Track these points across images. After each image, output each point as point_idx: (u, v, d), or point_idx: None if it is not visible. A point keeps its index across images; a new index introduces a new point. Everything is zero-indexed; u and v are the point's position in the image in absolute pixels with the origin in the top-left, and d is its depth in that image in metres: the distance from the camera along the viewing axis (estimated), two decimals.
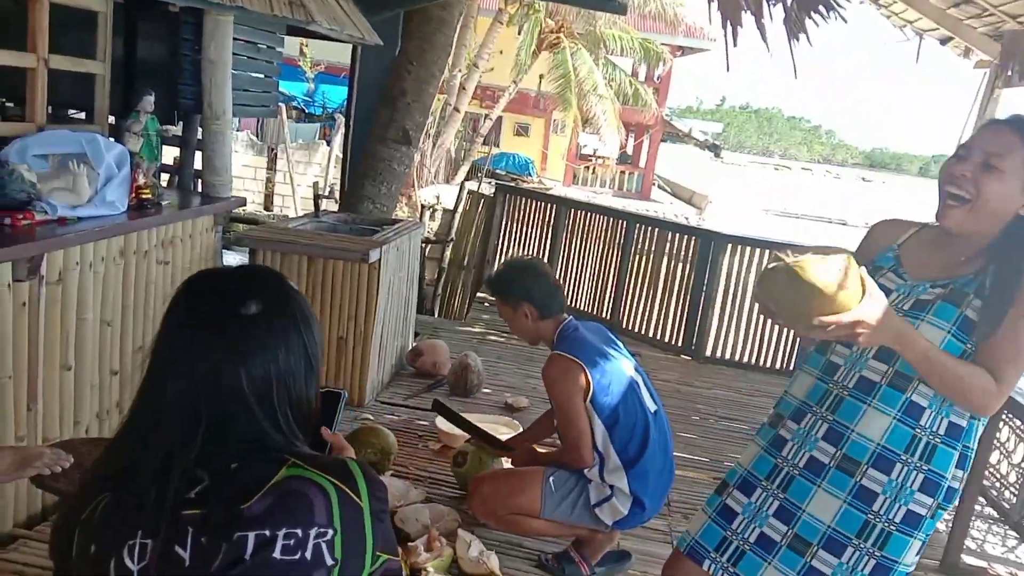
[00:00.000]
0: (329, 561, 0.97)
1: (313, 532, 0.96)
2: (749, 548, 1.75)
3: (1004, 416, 4.02)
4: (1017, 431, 4.19)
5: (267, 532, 0.94)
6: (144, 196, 3.12)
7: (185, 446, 0.97)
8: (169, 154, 5.85)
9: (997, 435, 4.21)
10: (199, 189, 4.04)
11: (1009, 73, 4.92)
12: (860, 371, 1.67)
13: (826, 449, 1.69)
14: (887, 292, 1.65)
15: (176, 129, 4.29)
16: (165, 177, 4.58)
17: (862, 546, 1.64)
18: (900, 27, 5.65)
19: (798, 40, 4.92)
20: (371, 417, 3.87)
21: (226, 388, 0.99)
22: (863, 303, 1.45)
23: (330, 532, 0.97)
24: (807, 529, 1.69)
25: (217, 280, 1.07)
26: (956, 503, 1.69)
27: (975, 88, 5.29)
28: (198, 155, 4.05)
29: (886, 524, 1.63)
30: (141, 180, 3.12)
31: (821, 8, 4.96)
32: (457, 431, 3.38)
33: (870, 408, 1.65)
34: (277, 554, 0.94)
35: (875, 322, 1.46)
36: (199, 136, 4.02)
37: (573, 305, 6.47)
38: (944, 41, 5.48)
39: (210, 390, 0.98)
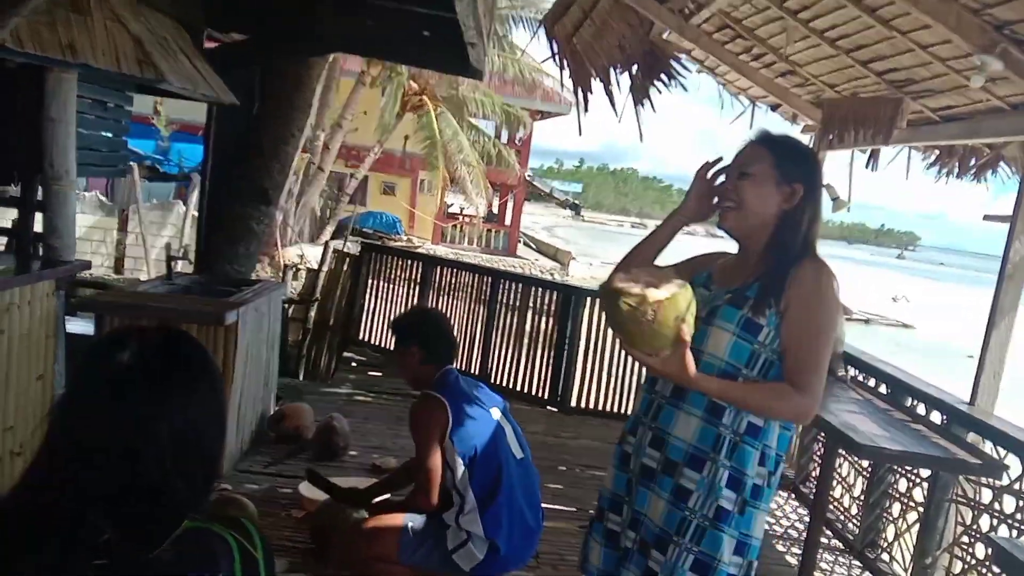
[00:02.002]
0: None
1: None
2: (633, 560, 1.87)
3: (840, 452, 4.33)
4: (856, 466, 4.51)
5: None
6: None
7: (88, 498, 0.96)
8: (6, 216, 5.50)
9: (838, 470, 4.53)
10: (39, 253, 3.82)
11: (830, 137, 5.41)
12: None
13: (653, 455, 1.84)
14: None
15: (14, 190, 4.05)
16: (2, 241, 4.30)
17: (681, 542, 1.76)
18: (735, 95, 6.12)
19: (643, 106, 5.25)
20: (229, 487, 3.70)
21: (133, 445, 0.97)
22: (665, 357, 1.67)
23: None
24: (648, 533, 1.82)
25: (125, 342, 1.05)
26: (767, 504, 1.81)
27: None
28: (39, 217, 3.84)
29: (701, 520, 1.76)
30: None
31: (663, 77, 5.33)
32: (321, 496, 3.30)
33: (681, 412, 1.81)
34: None
35: (672, 372, 1.70)
36: (39, 198, 3.81)
37: None
38: (774, 107, 5.97)
39: (115, 446, 0.97)
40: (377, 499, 3.00)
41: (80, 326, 4.79)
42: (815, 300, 1.74)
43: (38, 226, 3.87)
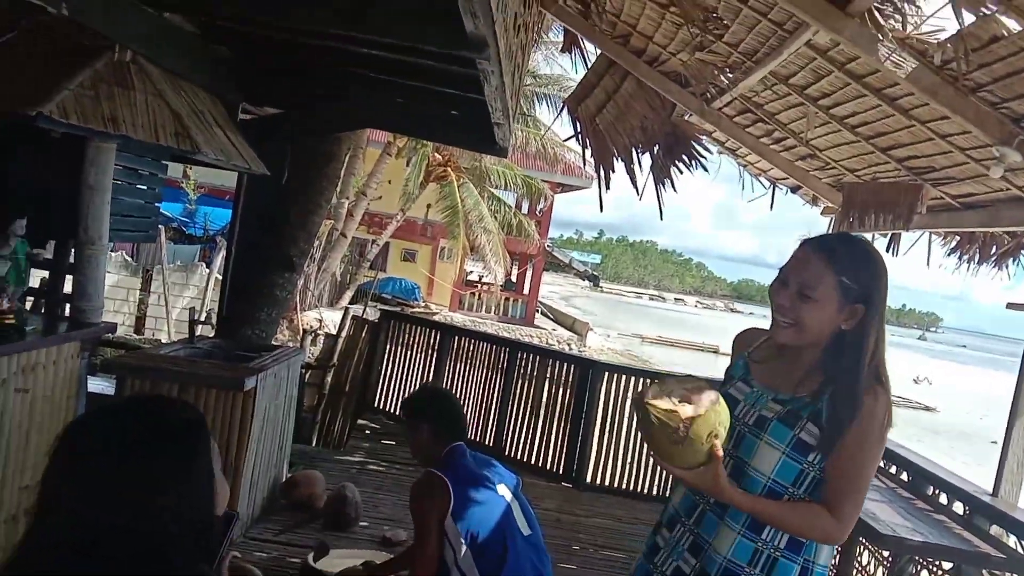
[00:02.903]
0: None
1: None
2: None
3: (861, 540, 4.23)
4: (876, 555, 4.40)
5: None
6: (7, 322, 3.00)
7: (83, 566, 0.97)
8: (37, 276, 5.62)
9: (858, 558, 4.41)
10: (66, 313, 3.89)
11: (851, 220, 5.45)
12: None
13: (689, 560, 1.80)
14: (735, 402, 1.83)
15: (47, 252, 4.15)
16: (31, 299, 4.38)
17: None
18: (755, 176, 6.21)
19: (664, 186, 5.34)
20: (239, 555, 3.67)
21: (119, 517, 1.00)
22: (698, 472, 1.66)
23: None
24: None
25: (106, 418, 1.09)
26: None
27: (823, 230, 5.83)
28: (68, 279, 3.92)
29: None
30: (4, 305, 3.00)
31: (684, 157, 5.43)
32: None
33: (723, 524, 1.77)
34: None
35: (704, 487, 1.69)
36: (71, 260, 3.91)
37: None
38: (794, 189, 6.04)
39: (100, 518, 0.99)
40: None
41: (101, 385, 4.84)
42: (874, 435, 1.69)
43: (67, 288, 3.96)
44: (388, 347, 7.03)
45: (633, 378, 6.02)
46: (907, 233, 5.00)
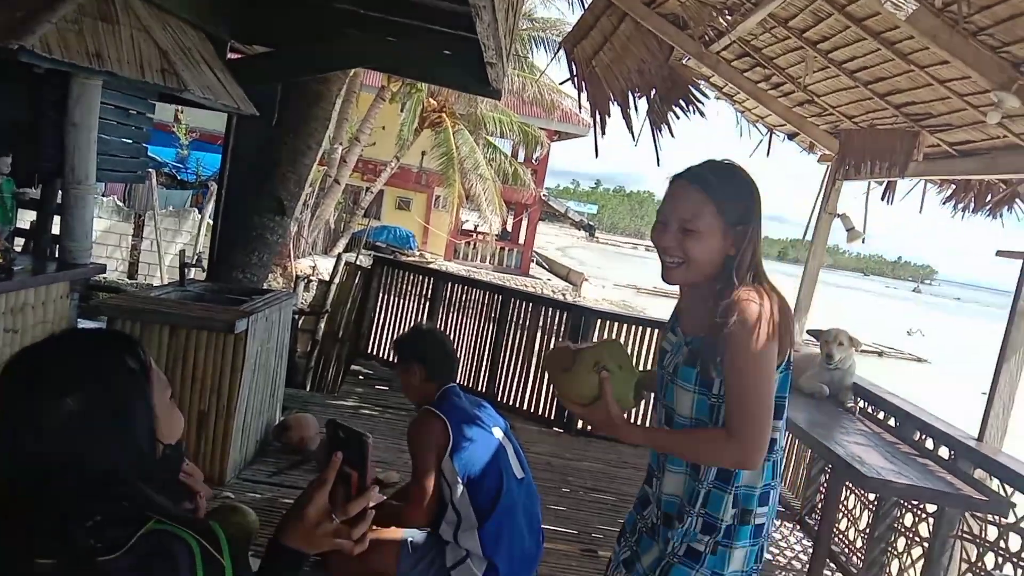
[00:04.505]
0: None
1: None
2: None
3: (848, 485, 4.30)
4: (862, 498, 4.47)
5: None
6: None
7: (23, 496, 0.99)
8: (26, 217, 5.56)
9: (844, 502, 4.49)
10: (56, 254, 3.86)
11: (847, 167, 5.41)
12: None
13: (654, 510, 1.88)
14: (664, 353, 1.88)
15: (34, 192, 4.10)
16: (20, 241, 4.34)
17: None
18: (753, 122, 6.14)
19: (661, 131, 5.27)
20: (232, 495, 3.71)
21: (45, 445, 1.02)
22: (590, 407, 1.73)
23: None
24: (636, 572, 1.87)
25: (23, 356, 1.10)
26: (746, 540, 1.77)
27: (819, 179, 5.80)
28: (57, 219, 3.88)
29: (671, 558, 1.78)
30: None
31: (681, 102, 5.35)
32: None
33: (667, 468, 1.83)
34: None
35: (598, 422, 1.75)
36: (59, 200, 3.86)
37: None
38: (791, 136, 5.99)
39: (35, 451, 1.02)
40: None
41: (93, 327, 4.83)
42: (750, 340, 1.61)
43: (55, 228, 3.92)
44: (381, 294, 7.03)
45: (625, 325, 6.04)
46: (903, 180, 4.97)
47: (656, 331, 6.00)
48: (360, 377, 6.52)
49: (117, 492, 1.04)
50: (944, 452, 3.67)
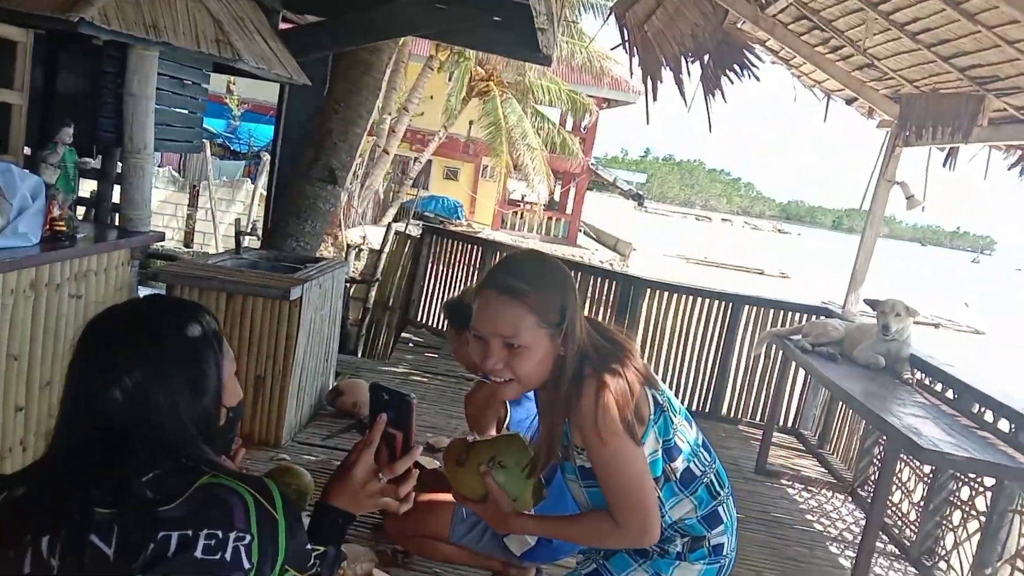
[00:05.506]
0: (246, 564, 1.01)
1: (232, 535, 1.01)
2: None
3: (903, 457, 4.23)
4: (917, 471, 4.40)
5: (189, 532, 0.99)
6: (59, 228, 3.05)
7: (92, 453, 1.04)
8: (87, 187, 5.71)
9: (898, 474, 4.42)
10: (116, 223, 3.96)
11: (907, 133, 5.26)
12: None
13: None
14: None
15: (95, 162, 4.21)
16: (81, 210, 4.47)
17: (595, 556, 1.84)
18: (809, 87, 5.99)
19: (714, 96, 5.18)
20: (287, 457, 3.81)
21: (121, 404, 1.06)
22: (483, 504, 1.71)
23: (247, 537, 1.02)
24: None
25: (112, 313, 1.15)
26: (708, 558, 1.73)
27: (878, 146, 5.64)
28: (116, 189, 3.98)
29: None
30: (56, 212, 3.06)
31: (736, 67, 5.24)
32: None
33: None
34: (198, 553, 0.98)
35: (491, 520, 1.73)
36: (118, 170, 3.96)
37: None
38: (850, 101, 5.83)
39: (102, 406, 1.06)
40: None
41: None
42: (596, 431, 1.55)
43: (115, 198, 4.02)
44: (430, 263, 7.08)
45: (676, 295, 5.98)
46: (966, 147, 4.81)
47: (706, 301, 5.94)
48: (410, 344, 6.60)
49: (183, 452, 1.08)
50: (1004, 425, 3.59)
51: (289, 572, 1.08)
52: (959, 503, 3.93)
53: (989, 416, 3.72)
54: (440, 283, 7.03)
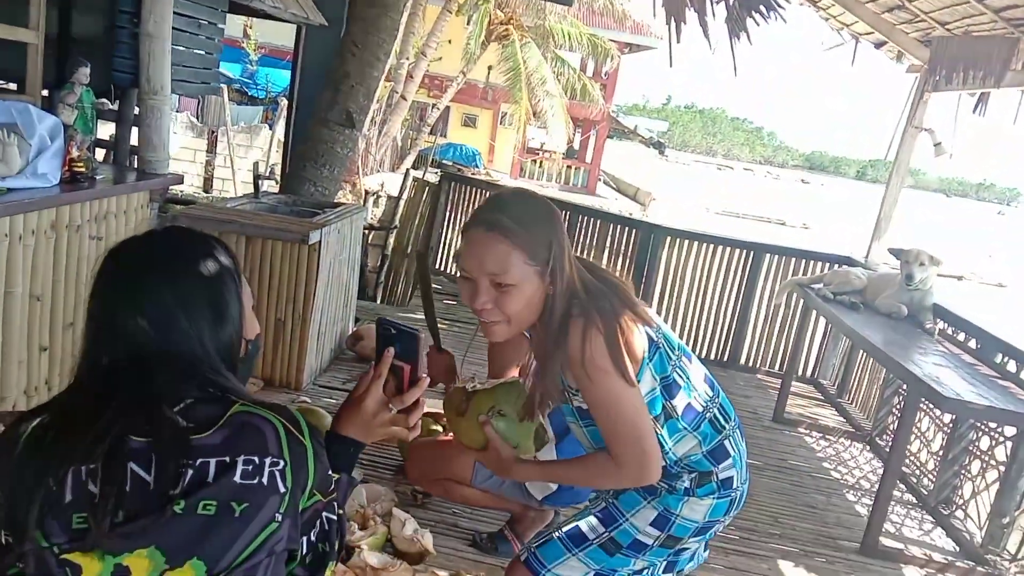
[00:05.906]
0: (281, 488, 1.03)
1: (268, 461, 1.03)
2: None
3: (923, 405, 4.21)
4: (936, 421, 4.39)
5: (227, 458, 1.01)
6: (77, 169, 3.05)
7: (119, 382, 1.05)
8: (105, 130, 5.70)
9: (917, 423, 4.41)
10: (135, 165, 3.96)
11: (937, 78, 5.12)
12: None
13: None
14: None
15: (112, 104, 4.19)
16: (100, 152, 4.47)
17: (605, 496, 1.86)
18: (837, 30, 5.83)
19: (739, 39, 5.04)
20: (308, 400, 3.85)
21: (147, 332, 1.07)
22: (486, 452, 1.72)
23: (281, 463, 1.04)
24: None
25: (132, 243, 1.16)
26: (717, 493, 1.76)
27: (907, 91, 5.50)
28: (135, 131, 3.97)
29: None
30: (75, 153, 3.05)
31: (762, 8, 5.08)
32: None
33: None
34: (238, 478, 1.00)
35: (494, 468, 1.75)
36: (136, 112, 3.94)
37: None
38: (879, 45, 5.67)
39: (134, 330, 1.07)
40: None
41: None
42: (586, 372, 1.55)
43: (134, 140, 4.01)
44: (448, 211, 7.04)
45: (696, 243, 5.93)
46: (998, 91, 4.68)
47: (727, 249, 5.88)
48: None
49: (208, 380, 1.09)
50: None
51: (315, 496, 1.11)
52: (978, 453, 3.92)
53: (1012, 366, 3.69)
54: (459, 230, 7.00)
